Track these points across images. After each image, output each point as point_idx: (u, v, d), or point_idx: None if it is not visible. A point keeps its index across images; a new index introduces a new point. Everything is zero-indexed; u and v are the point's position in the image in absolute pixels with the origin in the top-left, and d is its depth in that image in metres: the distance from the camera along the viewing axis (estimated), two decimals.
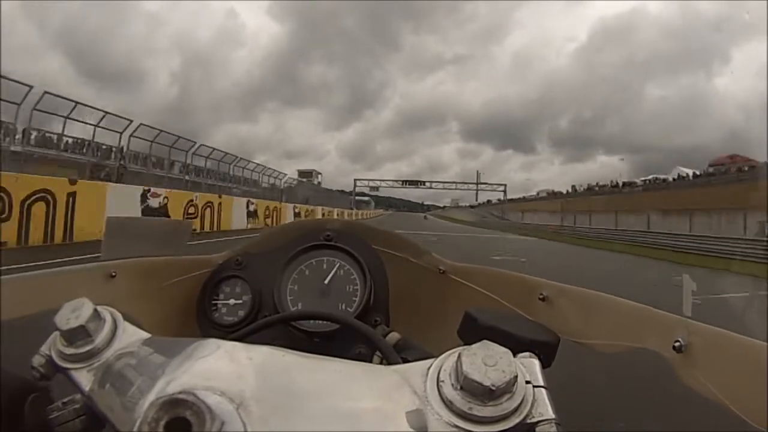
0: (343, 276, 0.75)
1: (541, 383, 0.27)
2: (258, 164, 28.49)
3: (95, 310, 0.35)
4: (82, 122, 15.52)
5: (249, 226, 15.82)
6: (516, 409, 0.25)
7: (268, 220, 18.26)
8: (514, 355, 0.27)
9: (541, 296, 0.60)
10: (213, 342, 0.29)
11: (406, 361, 0.43)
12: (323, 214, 23.63)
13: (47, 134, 15.13)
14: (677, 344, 0.42)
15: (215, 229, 13.78)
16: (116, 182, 11.95)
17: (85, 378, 0.33)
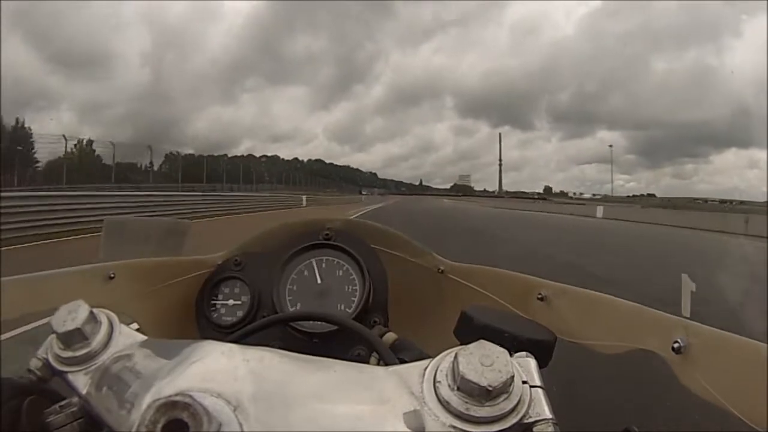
0: (342, 276, 0.75)
1: (538, 383, 0.27)
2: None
3: (91, 313, 0.35)
4: None
5: None
6: (513, 409, 0.25)
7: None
8: (511, 354, 0.27)
9: (539, 296, 0.60)
10: (209, 344, 0.29)
11: (403, 361, 0.43)
12: None
13: None
14: (676, 345, 0.42)
15: None
16: None
17: (82, 381, 0.33)
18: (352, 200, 46.23)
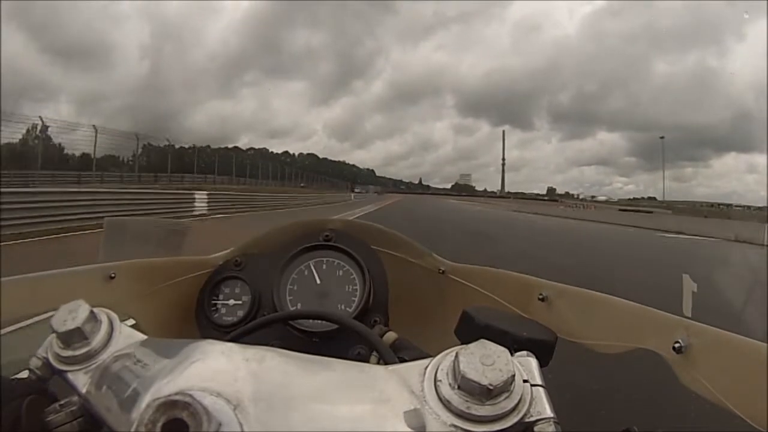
0: (342, 276, 0.75)
1: (539, 382, 0.27)
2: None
3: (92, 312, 0.35)
4: None
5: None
6: (514, 408, 0.25)
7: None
8: (512, 353, 0.27)
9: (540, 296, 0.60)
10: (209, 343, 0.29)
11: (403, 360, 0.43)
12: None
13: None
14: (677, 345, 0.42)
15: None
16: None
17: (82, 380, 0.33)
18: (329, 201, 31.58)
